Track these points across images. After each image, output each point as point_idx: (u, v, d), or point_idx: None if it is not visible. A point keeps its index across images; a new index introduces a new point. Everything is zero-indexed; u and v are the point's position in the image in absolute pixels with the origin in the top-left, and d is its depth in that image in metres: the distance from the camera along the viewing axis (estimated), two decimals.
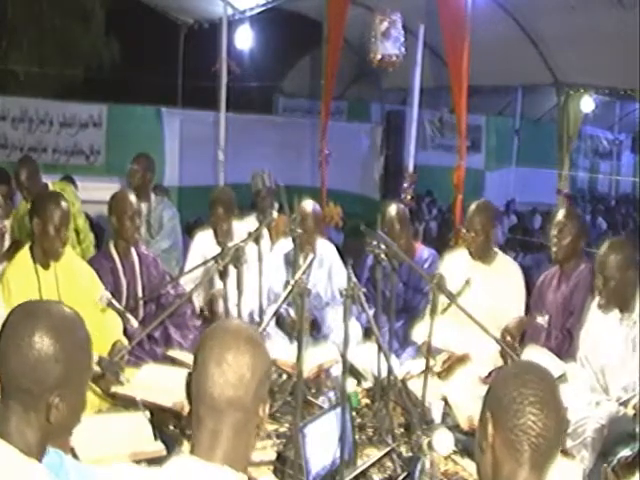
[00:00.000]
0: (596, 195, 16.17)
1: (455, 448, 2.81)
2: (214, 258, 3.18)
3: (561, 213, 3.76)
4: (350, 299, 2.66)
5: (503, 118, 13.83)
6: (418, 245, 4.52)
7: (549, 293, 3.71)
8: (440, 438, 2.71)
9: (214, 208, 4.32)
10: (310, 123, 9.42)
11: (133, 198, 3.80)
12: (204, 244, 4.37)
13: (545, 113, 13.07)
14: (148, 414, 2.75)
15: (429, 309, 3.05)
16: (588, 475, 2.69)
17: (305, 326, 2.69)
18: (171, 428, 2.90)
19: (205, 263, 3.52)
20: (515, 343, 3.45)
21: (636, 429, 2.64)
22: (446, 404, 3.15)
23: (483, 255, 3.92)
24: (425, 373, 2.99)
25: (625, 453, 2.58)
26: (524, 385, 1.45)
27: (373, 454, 2.90)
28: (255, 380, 1.45)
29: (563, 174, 8.22)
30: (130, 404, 2.87)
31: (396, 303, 3.56)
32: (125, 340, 3.31)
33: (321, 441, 2.63)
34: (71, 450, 1.90)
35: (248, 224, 4.41)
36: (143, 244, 4.07)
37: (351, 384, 3.37)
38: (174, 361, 3.34)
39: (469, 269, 3.80)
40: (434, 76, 8.42)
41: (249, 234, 3.38)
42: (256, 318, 3.60)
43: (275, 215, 4.45)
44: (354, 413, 3.08)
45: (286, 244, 4.17)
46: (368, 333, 3.71)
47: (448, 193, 6.61)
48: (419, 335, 3.58)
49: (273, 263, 4.17)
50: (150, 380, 3.06)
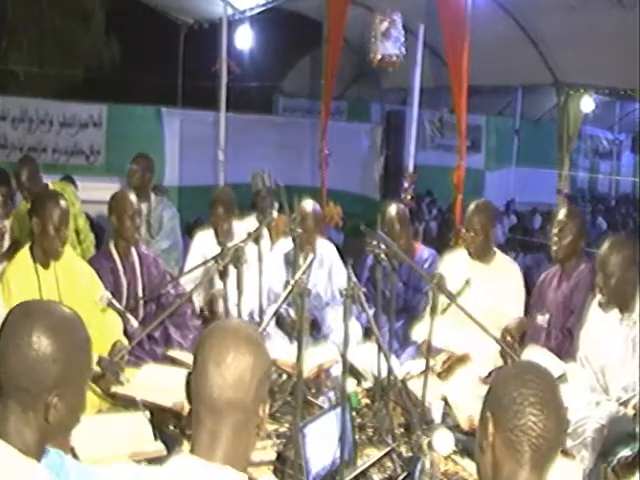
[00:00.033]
0: (596, 195, 16.18)
1: (455, 448, 2.80)
2: (214, 258, 3.18)
3: (562, 212, 3.76)
4: (350, 299, 2.66)
5: (503, 118, 13.83)
6: (418, 245, 4.52)
7: (549, 292, 3.71)
8: (440, 438, 2.71)
9: (214, 208, 4.32)
10: (310, 123, 9.42)
11: (133, 198, 3.80)
12: (204, 244, 4.37)
13: (545, 113, 13.08)
14: (148, 414, 2.75)
15: (429, 309, 3.05)
16: (588, 475, 2.69)
17: (305, 326, 2.69)
18: (171, 428, 2.90)
19: (205, 263, 3.52)
20: (515, 344, 3.45)
21: (636, 429, 2.63)
22: (446, 404, 3.15)
23: (482, 255, 3.93)
24: (425, 373, 2.98)
25: (625, 453, 2.58)
26: (524, 385, 1.45)
27: (373, 454, 2.89)
28: (255, 380, 1.44)
29: (563, 174, 8.22)
30: (130, 404, 2.87)
31: (396, 303, 3.56)
32: (125, 340, 3.31)
33: (321, 441, 2.63)
34: (71, 450, 1.90)
35: (248, 224, 4.41)
36: (143, 244, 4.07)
37: (351, 384, 3.37)
38: (174, 361, 3.34)
39: (468, 269, 3.80)
40: (434, 76, 8.42)
41: (249, 234, 3.38)
42: (256, 318, 3.60)
43: (275, 215, 4.44)
44: (354, 413, 3.08)
45: (286, 244, 4.17)
46: (368, 333, 3.71)
47: (448, 193, 6.60)
48: (419, 335, 3.58)
49: (273, 263, 4.17)
50: (150, 380, 3.06)
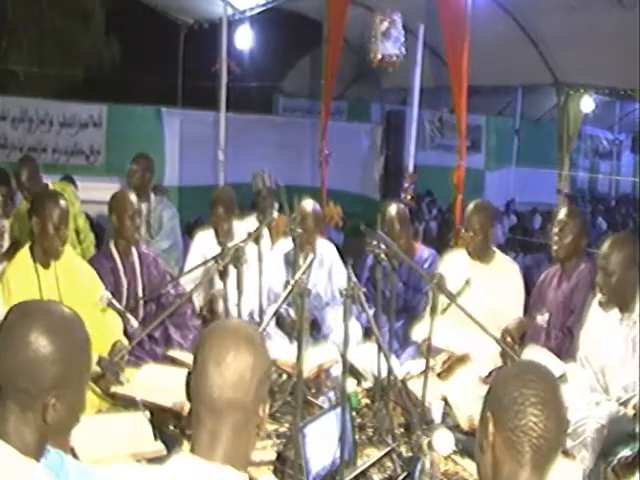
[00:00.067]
0: (596, 195, 16.18)
1: (455, 448, 2.80)
2: (214, 258, 3.18)
3: (563, 212, 3.76)
4: (350, 299, 2.66)
5: (503, 118, 13.83)
6: (418, 245, 4.52)
7: (549, 292, 3.71)
8: (440, 438, 2.70)
9: (215, 208, 4.32)
10: (310, 123, 9.42)
11: (133, 197, 3.80)
12: (204, 244, 4.37)
13: (545, 113, 13.08)
14: (148, 414, 2.74)
15: (429, 309, 3.05)
16: (588, 475, 2.69)
17: (305, 326, 2.69)
18: (171, 428, 2.90)
19: (205, 263, 3.52)
20: (515, 345, 3.44)
21: (636, 429, 2.63)
22: (446, 404, 3.15)
23: (482, 254, 3.93)
24: (425, 373, 2.98)
25: (625, 453, 2.58)
26: (525, 385, 1.45)
27: (373, 454, 2.89)
28: (255, 380, 1.44)
29: (563, 174, 8.22)
30: (130, 404, 2.87)
31: (396, 303, 3.55)
32: (125, 340, 3.31)
33: (321, 441, 2.63)
34: (71, 450, 1.90)
35: (248, 224, 4.41)
36: (143, 244, 4.07)
37: (351, 384, 3.37)
38: (174, 361, 3.34)
39: (468, 269, 3.80)
40: (434, 76, 8.42)
41: (249, 234, 3.37)
42: (256, 318, 3.59)
43: (275, 215, 4.44)
44: (354, 413, 3.07)
45: (286, 244, 4.17)
46: (368, 333, 3.71)
47: (448, 193, 6.60)
48: (419, 335, 3.58)
49: (273, 263, 4.17)
50: (150, 380, 3.06)
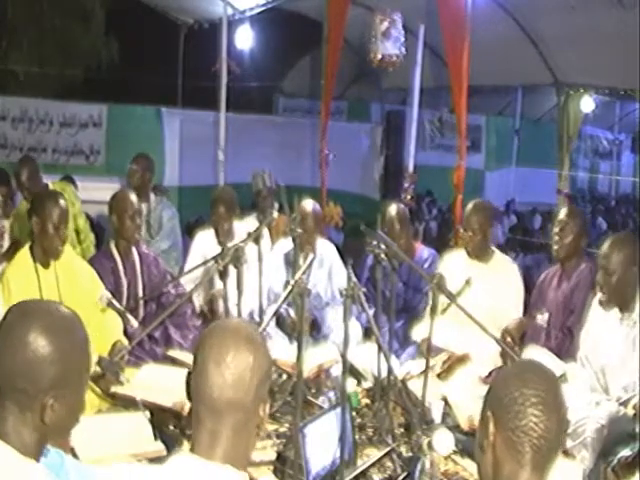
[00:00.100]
0: (596, 195, 16.19)
1: (455, 448, 2.80)
2: (214, 258, 3.18)
3: (563, 211, 3.76)
4: (350, 299, 2.66)
5: (503, 118, 13.83)
6: (418, 245, 4.52)
7: (550, 291, 3.71)
8: (440, 438, 2.70)
9: (216, 207, 4.31)
10: (310, 123, 9.41)
11: (134, 197, 3.80)
12: (205, 244, 4.37)
13: (545, 113, 13.08)
14: (148, 414, 2.74)
15: (429, 309, 3.05)
16: (588, 475, 2.69)
17: (305, 326, 2.69)
18: (171, 428, 2.90)
19: (205, 263, 3.52)
20: (515, 346, 3.44)
21: (636, 429, 2.63)
22: (446, 404, 3.15)
23: (480, 254, 3.93)
24: (425, 373, 2.98)
25: (625, 453, 2.57)
26: (526, 385, 1.44)
27: (373, 454, 2.89)
28: (255, 380, 1.44)
29: (563, 174, 8.21)
30: (130, 404, 2.87)
31: (396, 303, 3.55)
32: (125, 340, 3.31)
33: (321, 441, 2.63)
34: (71, 450, 1.90)
35: (248, 224, 4.40)
36: (144, 244, 4.07)
37: (351, 384, 3.37)
38: (174, 361, 3.34)
39: (467, 268, 3.80)
40: (434, 76, 8.42)
41: (249, 234, 3.37)
42: (256, 318, 3.59)
43: (275, 215, 4.44)
44: (354, 413, 3.07)
45: (286, 244, 4.17)
46: (368, 333, 3.71)
47: (448, 193, 6.60)
48: (419, 335, 3.58)
49: (273, 263, 4.17)
50: (150, 380, 3.06)
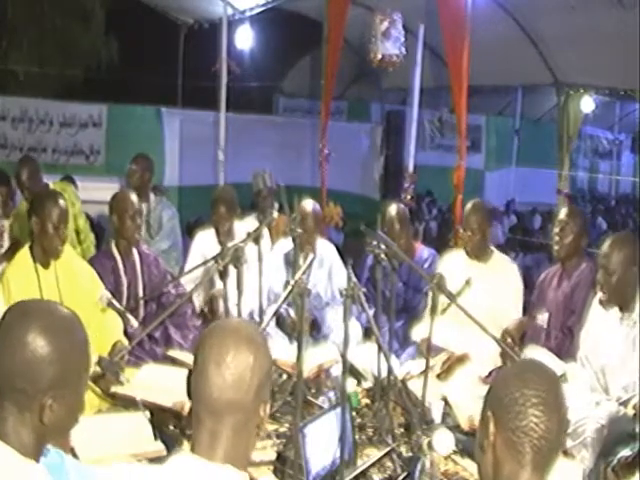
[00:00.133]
0: (596, 195, 16.20)
1: (455, 448, 2.80)
2: (214, 258, 3.18)
3: (563, 211, 3.76)
4: (350, 299, 2.66)
5: (503, 118, 13.83)
6: (418, 245, 4.52)
7: (550, 291, 3.71)
8: (440, 438, 2.70)
9: (216, 207, 4.32)
10: (310, 123, 9.41)
11: (134, 197, 3.80)
12: (205, 243, 4.37)
13: (545, 113, 13.08)
14: (148, 414, 2.74)
15: (429, 309, 3.05)
16: (588, 475, 2.69)
17: (305, 326, 2.69)
18: (171, 428, 2.89)
19: (205, 263, 3.52)
20: (515, 346, 3.44)
21: (636, 429, 2.63)
22: (446, 404, 3.15)
23: (480, 254, 3.94)
24: (425, 373, 2.98)
25: (625, 453, 2.57)
26: (526, 386, 1.44)
27: (373, 454, 2.89)
28: (255, 380, 1.43)
29: (563, 174, 8.21)
30: (130, 404, 2.87)
31: (396, 303, 3.55)
32: (125, 340, 3.31)
33: (321, 441, 2.62)
34: (71, 450, 1.90)
35: (248, 224, 4.40)
36: (144, 244, 4.07)
37: (351, 384, 3.37)
38: (174, 361, 3.34)
39: (466, 268, 3.80)
40: (434, 76, 8.42)
41: (249, 234, 3.37)
42: (256, 318, 3.59)
43: (275, 215, 4.44)
44: (354, 413, 3.07)
45: (286, 244, 4.17)
46: (368, 333, 3.71)
47: (448, 193, 6.59)
48: (419, 335, 3.58)
49: (273, 263, 4.17)
50: (150, 380, 3.06)
